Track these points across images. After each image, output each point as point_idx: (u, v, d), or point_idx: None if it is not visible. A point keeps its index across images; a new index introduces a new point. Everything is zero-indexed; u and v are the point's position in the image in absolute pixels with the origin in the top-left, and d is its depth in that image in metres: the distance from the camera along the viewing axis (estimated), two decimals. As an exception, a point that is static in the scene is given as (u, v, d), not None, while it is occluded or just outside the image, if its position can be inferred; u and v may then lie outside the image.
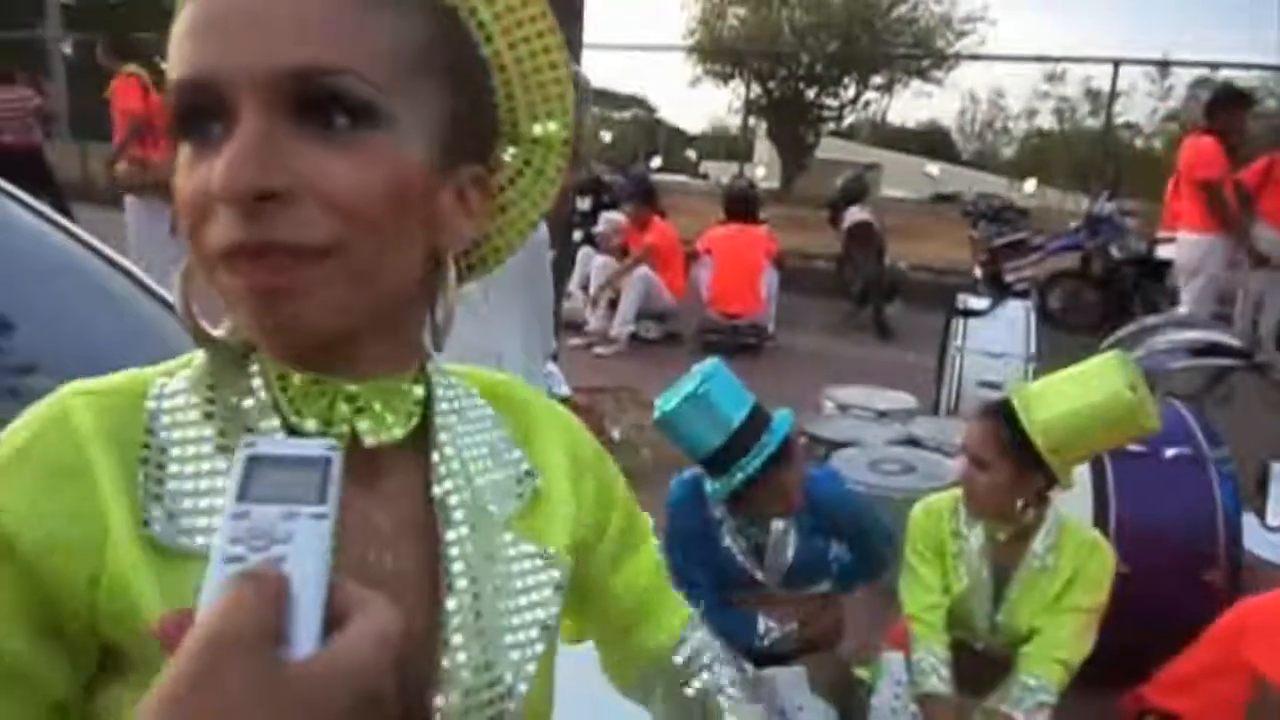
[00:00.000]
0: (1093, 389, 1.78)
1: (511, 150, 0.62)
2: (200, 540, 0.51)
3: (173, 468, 0.53)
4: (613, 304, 6.67)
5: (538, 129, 0.61)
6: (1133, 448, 2.54)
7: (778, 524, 2.01)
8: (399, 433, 0.56)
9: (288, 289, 0.48)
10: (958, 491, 1.97)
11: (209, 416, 0.55)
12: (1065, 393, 1.80)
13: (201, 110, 0.49)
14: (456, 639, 0.55)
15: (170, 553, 0.51)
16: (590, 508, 0.68)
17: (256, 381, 0.55)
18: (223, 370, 0.56)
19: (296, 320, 0.49)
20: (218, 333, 0.55)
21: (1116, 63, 9.16)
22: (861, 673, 2.02)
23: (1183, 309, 5.11)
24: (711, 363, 1.92)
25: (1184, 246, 5.20)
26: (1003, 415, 1.81)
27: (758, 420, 1.89)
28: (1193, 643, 1.91)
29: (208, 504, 0.52)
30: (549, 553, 0.62)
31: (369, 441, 0.55)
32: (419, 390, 0.59)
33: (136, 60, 6.12)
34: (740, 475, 1.85)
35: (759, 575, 2.03)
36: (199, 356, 0.57)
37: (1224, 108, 5.10)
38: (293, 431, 0.54)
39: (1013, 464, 1.78)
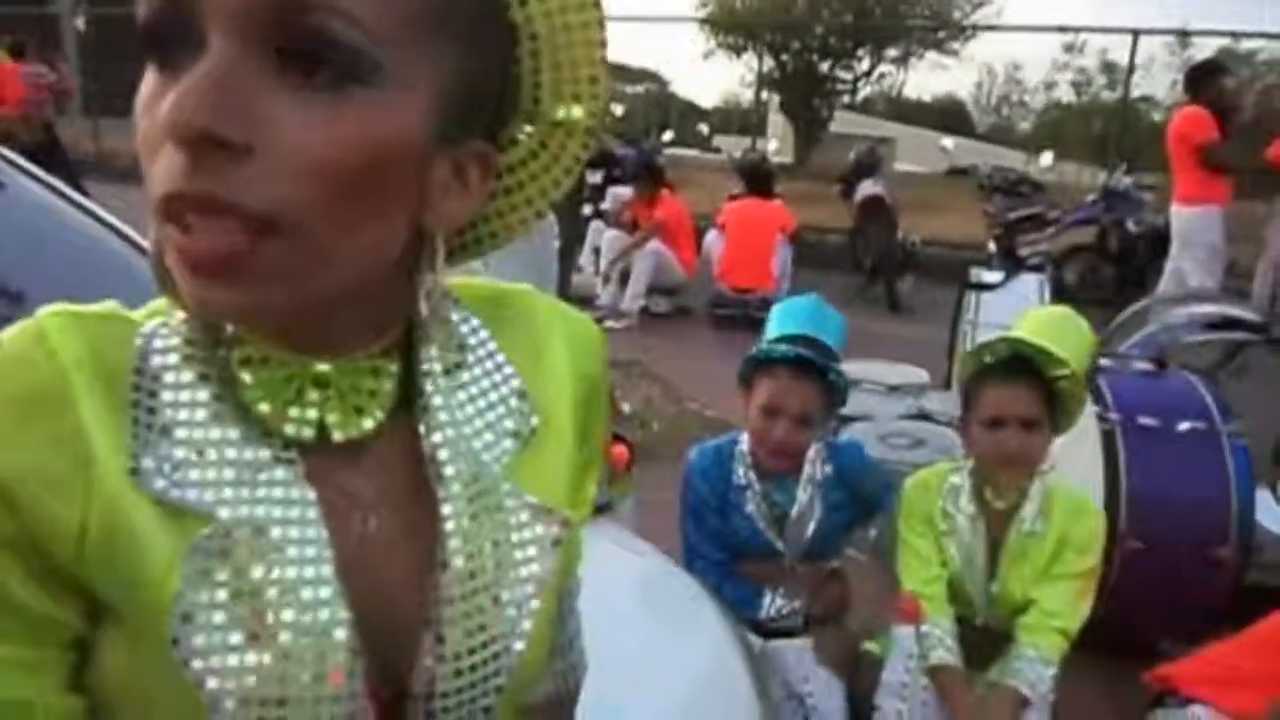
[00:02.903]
0: (1060, 317, 1.90)
1: (527, 129, 0.56)
2: (193, 494, 0.49)
3: (165, 414, 0.50)
4: (624, 278, 6.66)
5: (561, 111, 0.55)
6: (1146, 421, 2.54)
7: (803, 494, 2.02)
8: (369, 425, 0.53)
9: (229, 268, 0.43)
10: (944, 467, 1.96)
11: (203, 363, 0.52)
12: (1055, 326, 1.85)
13: (168, 30, 0.44)
14: (449, 601, 0.53)
15: (163, 504, 0.49)
16: (583, 429, 0.63)
17: (224, 351, 0.51)
18: (203, 326, 0.52)
19: (236, 306, 0.45)
20: None
21: (1136, 33, 9.04)
22: (869, 646, 2.02)
23: (1191, 282, 5.10)
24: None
25: (1178, 220, 5.25)
26: (1030, 369, 1.80)
27: (827, 350, 2.00)
28: (1238, 633, 1.91)
29: (202, 456, 0.50)
30: (548, 506, 0.58)
31: (337, 437, 0.52)
32: (394, 367, 0.54)
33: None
34: (792, 350, 1.93)
35: (779, 545, 2.03)
36: None
37: (1207, 79, 5.17)
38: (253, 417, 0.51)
39: (1050, 414, 1.80)
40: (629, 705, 1.01)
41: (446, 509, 0.54)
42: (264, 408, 0.51)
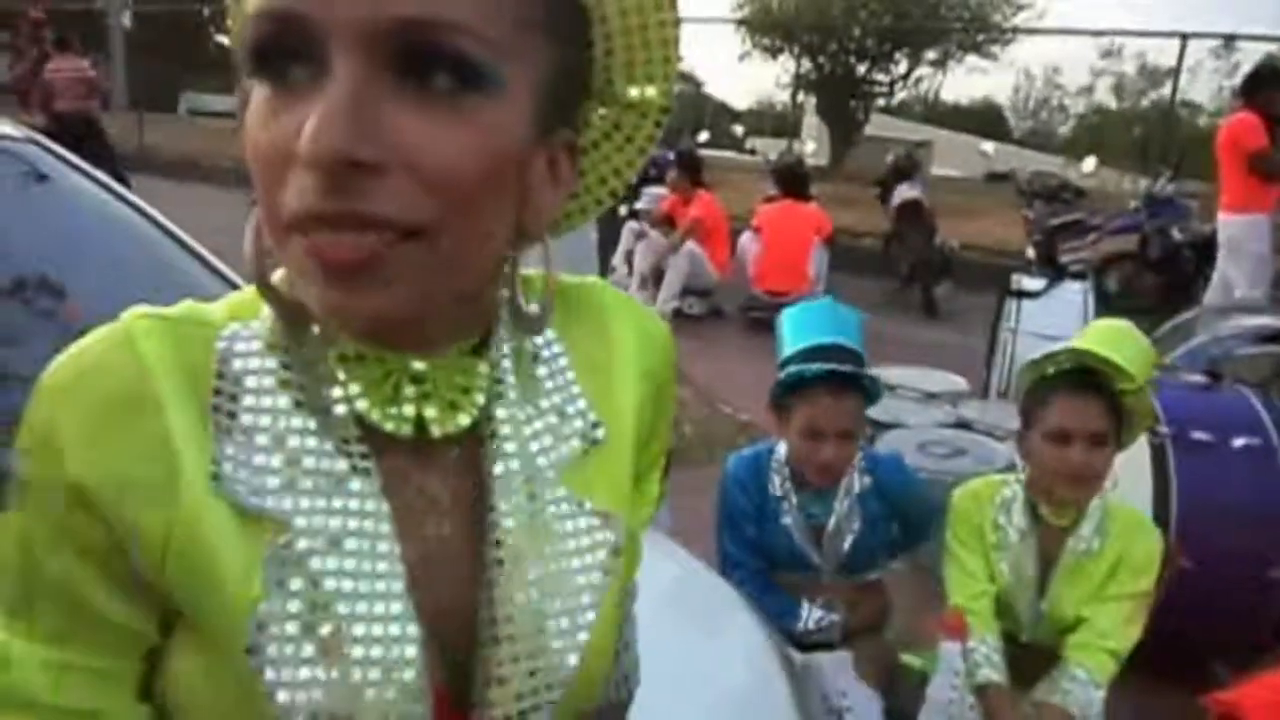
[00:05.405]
0: (1121, 329, 1.81)
1: (601, 111, 0.56)
2: (271, 501, 0.49)
3: (245, 418, 0.50)
4: (656, 279, 6.63)
5: (634, 92, 0.55)
6: (1198, 436, 2.46)
7: (841, 507, 1.97)
8: (465, 420, 0.53)
9: (369, 272, 0.44)
10: (996, 478, 1.91)
11: (285, 367, 0.51)
12: (1116, 338, 1.77)
13: (284, 49, 0.44)
14: (501, 609, 0.53)
15: (241, 510, 0.48)
16: (648, 427, 0.62)
17: (320, 350, 0.52)
18: (290, 327, 0.52)
19: (374, 311, 0.45)
20: (282, 287, 0.51)
21: (1184, 36, 8.86)
22: (909, 659, 1.98)
23: (1237, 292, 5.00)
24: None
25: (1225, 227, 5.15)
26: (1097, 383, 1.74)
27: (856, 355, 1.92)
28: None
29: (282, 462, 0.49)
30: (609, 512, 0.57)
31: (435, 432, 0.52)
32: (484, 367, 0.54)
33: None
34: (825, 368, 1.85)
35: (815, 559, 1.99)
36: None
37: (1264, 85, 5.06)
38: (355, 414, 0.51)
39: (1118, 430, 1.74)
40: (663, 714, 0.99)
41: (505, 517, 0.53)
42: (362, 404, 0.51)
